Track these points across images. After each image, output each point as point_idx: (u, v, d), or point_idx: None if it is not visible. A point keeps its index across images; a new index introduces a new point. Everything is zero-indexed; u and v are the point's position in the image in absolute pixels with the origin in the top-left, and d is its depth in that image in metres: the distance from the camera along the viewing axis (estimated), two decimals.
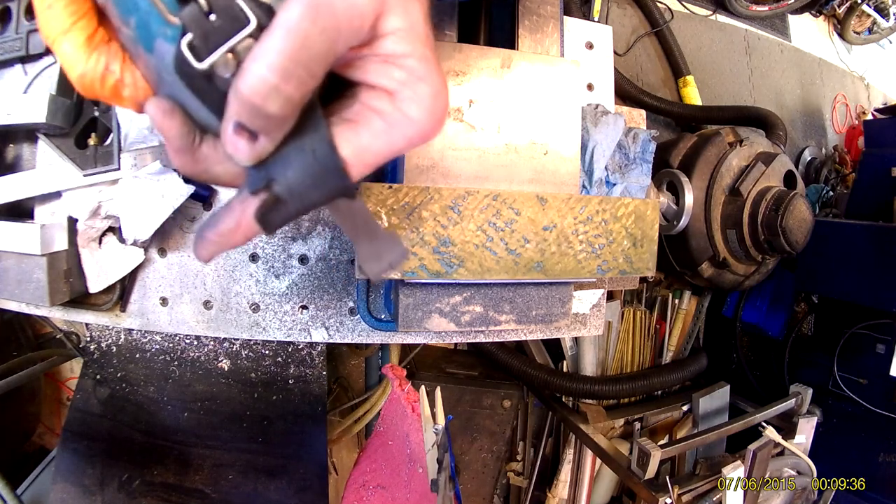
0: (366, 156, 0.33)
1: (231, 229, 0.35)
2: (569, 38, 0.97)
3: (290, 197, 0.33)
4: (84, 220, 0.78)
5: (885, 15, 3.47)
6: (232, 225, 0.35)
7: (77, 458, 1.10)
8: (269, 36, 0.27)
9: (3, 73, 0.82)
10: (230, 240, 0.36)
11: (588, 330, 1.04)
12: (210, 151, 0.34)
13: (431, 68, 0.33)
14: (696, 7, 2.85)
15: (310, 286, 0.92)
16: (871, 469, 1.75)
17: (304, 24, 0.27)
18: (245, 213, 0.34)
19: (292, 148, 0.32)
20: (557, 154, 0.79)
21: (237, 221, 0.35)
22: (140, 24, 0.30)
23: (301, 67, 0.28)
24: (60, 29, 0.32)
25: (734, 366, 2.35)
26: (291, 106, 0.29)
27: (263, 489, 1.15)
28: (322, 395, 1.23)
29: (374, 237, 0.42)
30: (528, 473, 2.02)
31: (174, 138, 0.32)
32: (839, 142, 3.26)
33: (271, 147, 0.31)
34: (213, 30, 0.28)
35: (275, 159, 0.32)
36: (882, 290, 1.69)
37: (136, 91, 0.34)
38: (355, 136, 0.33)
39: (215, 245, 0.37)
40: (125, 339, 1.18)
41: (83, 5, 0.33)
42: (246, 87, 0.27)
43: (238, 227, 0.35)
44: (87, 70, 0.33)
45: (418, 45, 0.32)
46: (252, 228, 0.35)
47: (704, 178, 1.67)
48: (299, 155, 0.32)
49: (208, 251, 0.37)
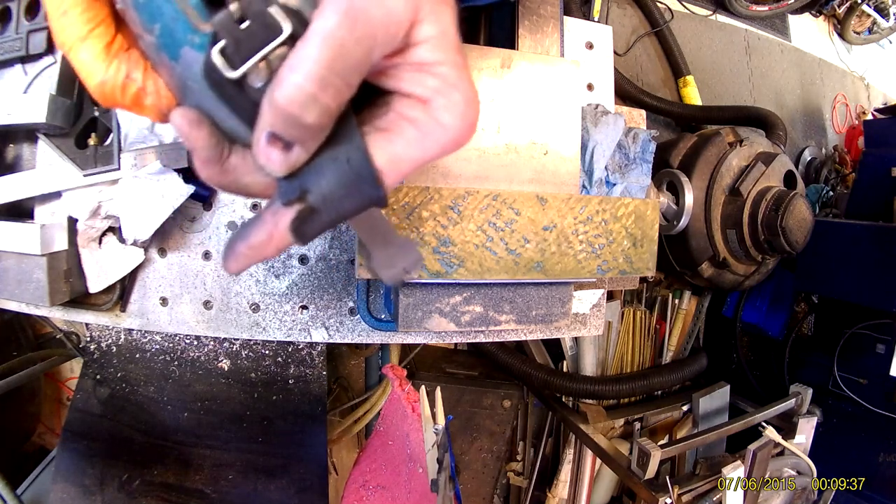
0: (400, 164, 0.33)
1: (263, 241, 0.34)
2: (569, 38, 0.97)
3: (325, 207, 0.32)
4: (84, 220, 0.78)
5: (885, 15, 3.47)
6: (264, 237, 0.34)
7: (77, 458, 1.10)
8: (306, 44, 0.27)
9: (3, 73, 0.82)
10: (262, 252, 0.35)
11: (588, 330, 1.04)
12: (239, 162, 0.33)
13: (463, 76, 0.33)
14: (696, 7, 2.85)
15: (310, 286, 0.92)
16: (870, 469, 1.75)
17: (340, 33, 0.26)
18: (278, 224, 0.33)
19: (326, 157, 0.31)
20: (557, 154, 0.79)
21: (269, 233, 0.34)
22: (165, 32, 0.29)
23: (338, 77, 0.27)
24: (77, 36, 0.31)
25: (734, 366, 2.35)
26: (328, 116, 0.28)
27: (263, 489, 1.15)
28: (322, 395, 1.23)
29: (390, 242, 0.42)
30: (528, 473, 2.02)
31: (202, 149, 0.31)
32: (839, 142, 3.26)
33: (305, 157, 0.30)
34: (246, 37, 0.27)
35: (308, 169, 0.31)
36: (882, 290, 1.69)
37: (158, 99, 0.33)
38: (389, 144, 0.32)
39: (247, 258, 0.36)
40: (125, 339, 1.18)
41: (100, 11, 0.32)
42: (282, 97, 0.27)
43: (270, 240, 0.34)
44: (107, 78, 0.32)
45: (451, 53, 0.32)
46: (285, 240, 0.34)
47: (704, 178, 1.67)
48: (333, 164, 0.31)
49: (239, 263, 0.36)
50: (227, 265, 0.37)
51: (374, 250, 0.42)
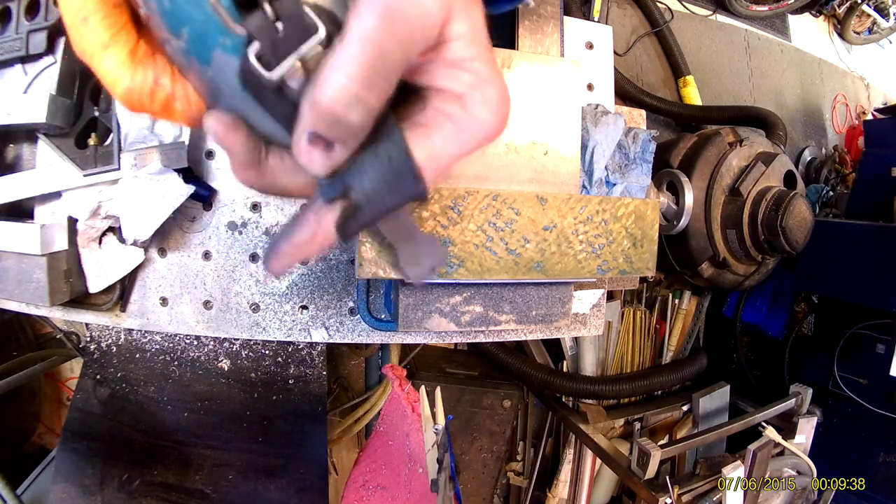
0: (439, 159, 0.33)
1: (307, 240, 0.35)
2: (569, 38, 0.97)
3: (367, 204, 0.32)
4: (84, 220, 0.78)
5: (885, 15, 3.47)
6: (307, 236, 0.35)
7: (77, 458, 1.10)
8: (346, 44, 0.27)
9: (3, 73, 0.82)
10: (306, 251, 0.35)
11: (588, 330, 1.04)
12: (277, 163, 0.33)
13: (495, 71, 0.33)
14: (696, 7, 2.85)
15: (310, 286, 0.92)
16: (871, 469, 1.75)
17: (380, 33, 0.27)
18: (321, 223, 0.34)
19: (367, 155, 0.31)
20: (557, 154, 0.79)
21: (313, 232, 0.34)
22: (194, 36, 0.28)
23: (379, 75, 0.28)
24: (99, 43, 0.31)
25: (734, 366, 2.35)
26: (371, 115, 0.29)
27: (263, 489, 1.15)
28: (322, 395, 1.23)
29: (414, 240, 0.41)
30: (528, 473, 2.02)
31: (240, 153, 0.31)
32: (839, 142, 3.26)
33: (346, 155, 0.30)
34: (282, 39, 0.27)
35: (349, 168, 0.31)
36: (882, 290, 1.69)
37: (188, 105, 0.33)
38: (428, 140, 0.33)
39: (290, 257, 0.36)
40: (125, 339, 1.18)
41: (121, 17, 0.32)
42: (326, 97, 0.27)
43: (314, 238, 0.34)
44: (133, 85, 0.32)
45: (482, 49, 0.33)
46: (329, 238, 0.34)
47: (704, 178, 1.67)
48: (374, 161, 0.31)
49: (282, 263, 0.37)
50: (270, 265, 0.37)
51: (399, 248, 0.41)
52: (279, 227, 0.79)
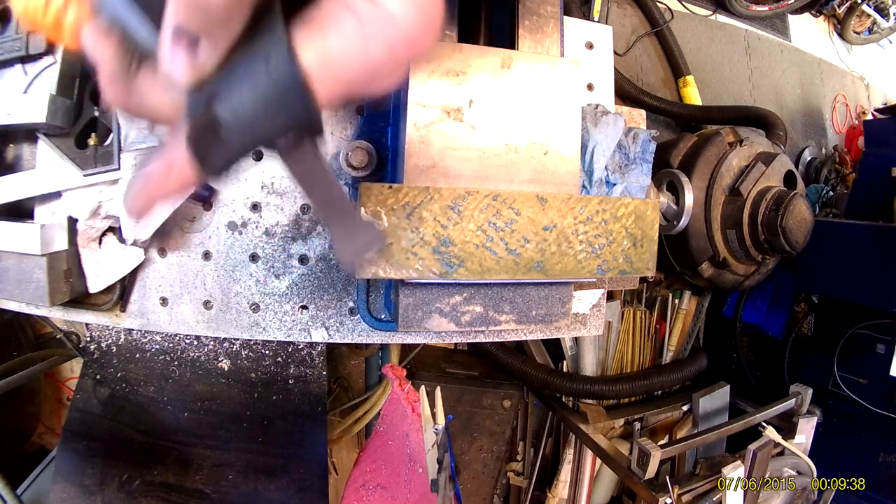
0: (334, 65, 0.26)
1: (161, 172, 0.28)
2: (569, 38, 0.97)
3: (236, 122, 0.26)
4: (84, 220, 0.78)
5: (885, 15, 3.46)
6: (163, 166, 0.28)
7: (77, 458, 1.10)
8: None
9: (3, 73, 0.82)
10: (162, 186, 0.29)
11: (588, 330, 1.04)
12: (147, 81, 0.28)
13: None
14: (696, 7, 2.85)
15: (310, 286, 0.92)
16: (871, 469, 1.75)
17: None
18: (180, 148, 0.27)
19: (241, 59, 0.25)
20: (557, 154, 0.78)
21: (169, 161, 0.28)
22: None
23: None
24: None
25: (734, 366, 2.35)
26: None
27: (263, 489, 1.15)
28: (322, 395, 1.23)
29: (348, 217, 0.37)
30: (528, 473, 2.02)
31: (108, 62, 0.27)
32: (839, 142, 3.26)
33: (215, 58, 0.25)
34: None
35: (220, 77, 0.26)
36: (882, 290, 1.69)
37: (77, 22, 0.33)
38: (321, 38, 0.26)
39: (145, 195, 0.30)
40: (125, 339, 1.18)
41: None
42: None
43: (170, 169, 0.28)
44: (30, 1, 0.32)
45: None
46: (186, 169, 0.27)
47: (704, 178, 1.67)
48: (249, 66, 0.25)
49: (138, 203, 0.30)
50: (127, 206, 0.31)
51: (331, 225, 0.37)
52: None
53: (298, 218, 0.91)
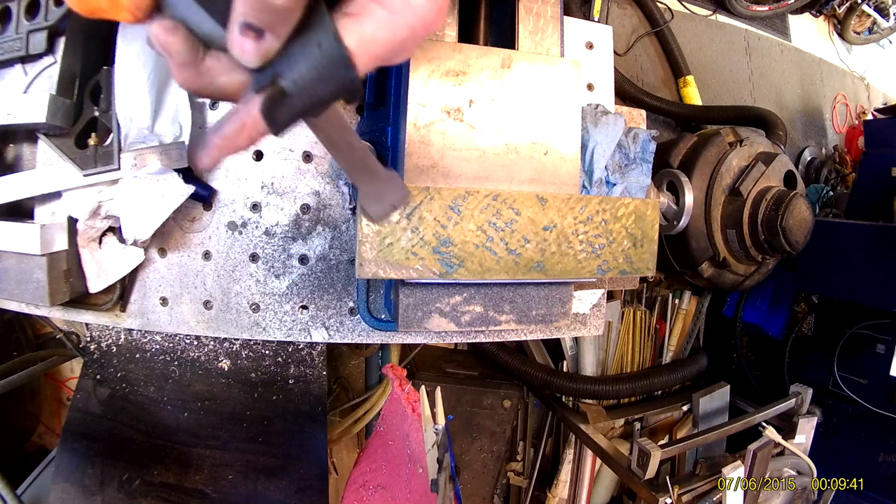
0: (371, 46, 0.34)
1: (236, 130, 0.36)
2: (569, 38, 0.97)
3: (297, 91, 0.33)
4: (84, 220, 0.78)
5: (885, 15, 3.46)
6: (237, 125, 0.35)
7: (77, 458, 1.10)
8: None
9: (3, 73, 0.82)
10: (234, 142, 0.36)
11: (588, 330, 1.04)
12: (214, 63, 0.35)
13: None
14: (696, 7, 2.85)
15: (310, 286, 0.92)
16: (870, 469, 1.75)
17: None
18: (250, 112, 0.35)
19: (297, 44, 0.33)
20: (557, 154, 0.78)
21: (241, 122, 0.35)
22: None
23: None
24: None
25: (734, 366, 2.35)
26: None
27: (263, 489, 1.15)
28: (322, 395, 1.23)
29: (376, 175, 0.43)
30: (528, 473, 2.02)
31: (178, 53, 0.33)
32: (839, 142, 3.26)
33: (277, 45, 0.32)
34: None
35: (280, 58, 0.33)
36: (882, 290, 1.69)
37: None
38: (359, 26, 0.34)
39: (219, 149, 0.37)
40: (125, 339, 1.18)
41: None
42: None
43: (243, 128, 0.35)
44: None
45: None
46: (257, 127, 0.35)
47: (704, 178, 1.67)
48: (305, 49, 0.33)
49: (211, 157, 0.37)
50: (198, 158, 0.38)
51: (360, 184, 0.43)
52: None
53: (298, 218, 0.91)
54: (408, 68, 0.72)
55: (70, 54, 0.78)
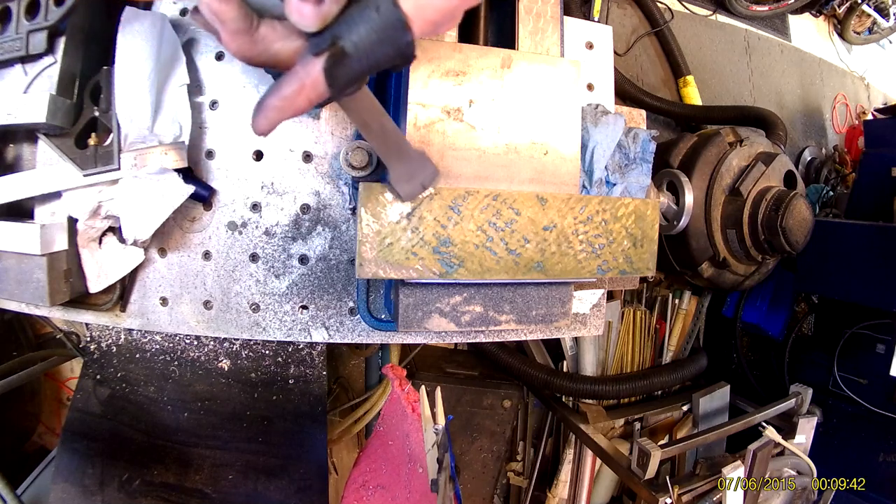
0: (426, 11, 0.35)
1: (295, 91, 0.36)
2: (569, 38, 0.97)
3: (357, 52, 0.34)
4: (84, 220, 0.78)
5: (885, 15, 3.46)
6: (296, 86, 0.36)
7: (77, 458, 1.10)
8: None
9: (3, 73, 0.82)
10: (293, 103, 0.37)
11: (588, 330, 1.04)
12: (268, 31, 0.36)
13: None
14: (696, 7, 2.85)
15: (310, 286, 0.92)
16: (871, 469, 1.75)
17: None
18: (310, 73, 0.35)
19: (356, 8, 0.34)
20: (557, 154, 0.78)
21: (301, 83, 0.36)
22: None
23: None
24: None
25: (734, 366, 2.35)
26: None
27: (263, 489, 1.15)
28: (322, 395, 1.23)
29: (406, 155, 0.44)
30: (528, 473, 2.02)
31: (231, 21, 0.34)
32: (839, 142, 3.26)
33: (336, 9, 0.33)
34: None
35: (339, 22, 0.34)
36: (882, 290, 1.69)
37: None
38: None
39: (278, 111, 0.37)
40: (125, 339, 1.18)
41: None
42: None
43: (302, 89, 0.36)
44: None
45: None
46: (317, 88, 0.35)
47: (704, 178, 1.67)
48: (363, 13, 0.34)
49: (269, 119, 0.38)
50: (257, 122, 0.38)
51: (390, 163, 0.45)
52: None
53: (298, 218, 0.91)
54: (408, 68, 0.72)
55: (70, 54, 0.78)
